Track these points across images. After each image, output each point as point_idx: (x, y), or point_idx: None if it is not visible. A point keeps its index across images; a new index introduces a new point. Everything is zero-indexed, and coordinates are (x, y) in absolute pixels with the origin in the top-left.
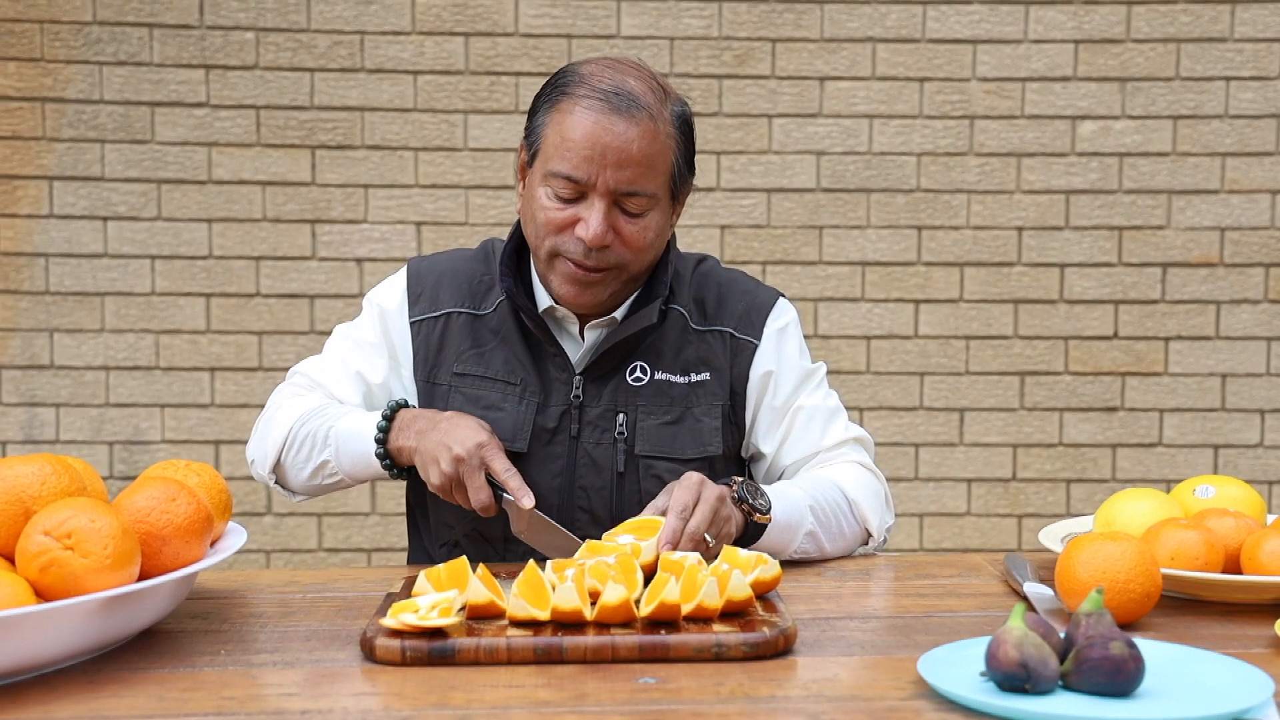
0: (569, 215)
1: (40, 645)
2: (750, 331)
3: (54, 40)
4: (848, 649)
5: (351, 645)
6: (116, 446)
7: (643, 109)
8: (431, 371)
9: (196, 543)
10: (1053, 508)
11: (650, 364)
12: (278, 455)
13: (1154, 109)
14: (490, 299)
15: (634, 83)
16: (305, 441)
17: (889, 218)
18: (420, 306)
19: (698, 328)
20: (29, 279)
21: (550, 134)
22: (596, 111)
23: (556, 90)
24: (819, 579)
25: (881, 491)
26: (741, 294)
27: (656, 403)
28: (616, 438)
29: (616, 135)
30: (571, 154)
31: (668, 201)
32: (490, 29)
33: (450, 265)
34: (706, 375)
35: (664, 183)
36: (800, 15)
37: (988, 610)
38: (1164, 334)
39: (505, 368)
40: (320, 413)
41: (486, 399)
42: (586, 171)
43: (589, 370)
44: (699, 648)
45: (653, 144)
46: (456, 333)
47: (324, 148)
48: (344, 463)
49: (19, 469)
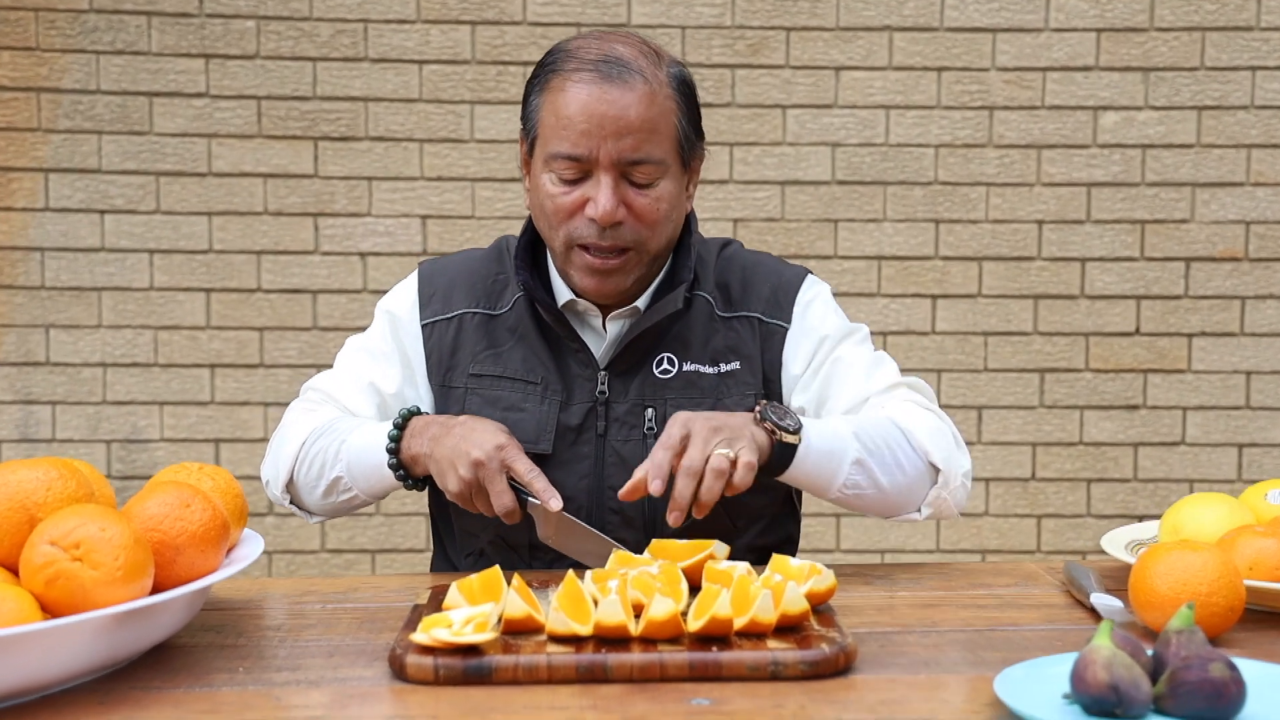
0: (577, 197)
1: (47, 664)
2: (779, 314)
3: (49, 29)
4: (912, 667)
5: (378, 662)
6: (114, 445)
7: (636, 73)
8: (446, 375)
9: (212, 552)
10: (1073, 508)
11: (678, 355)
12: (289, 473)
13: (1178, 99)
14: (506, 297)
15: (623, 49)
16: (317, 458)
17: (906, 211)
18: (432, 309)
19: (724, 315)
20: (24, 274)
21: (545, 116)
22: (588, 83)
23: (545, 70)
24: (869, 588)
25: (946, 430)
26: (767, 275)
27: (686, 395)
28: (646, 433)
29: (612, 103)
30: (569, 131)
31: (678, 168)
32: (497, 17)
33: (463, 265)
34: (737, 364)
35: (670, 148)
36: (815, 4)
37: (1054, 623)
38: (1187, 330)
39: (524, 366)
40: (332, 428)
41: (506, 400)
42: (586, 146)
43: (613, 364)
44: (754, 666)
45: (651, 107)
46: (471, 334)
47: (327, 139)
48: (357, 478)
49: (22, 473)
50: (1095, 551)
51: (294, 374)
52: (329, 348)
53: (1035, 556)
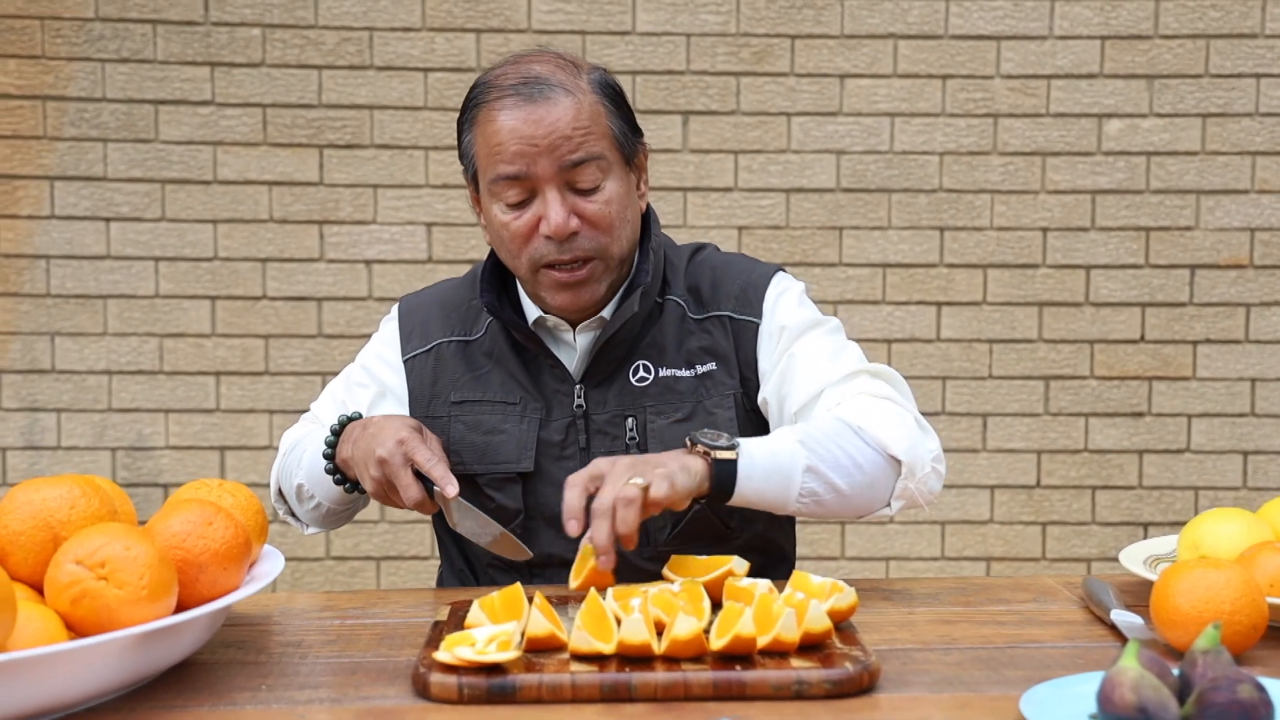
0: (529, 219)
1: (71, 683)
2: (749, 310)
3: (55, 37)
4: (935, 685)
5: (401, 680)
6: (119, 452)
7: (555, 86)
8: (429, 405)
9: (235, 569)
10: (1078, 515)
11: (653, 361)
12: (275, 485)
13: (1182, 107)
14: (480, 322)
15: (539, 67)
16: (289, 468)
17: (910, 218)
18: (412, 344)
19: (696, 316)
20: (29, 281)
21: (479, 148)
22: (512, 107)
23: (470, 106)
24: (887, 604)
25: (906, 417)
26: (737, 274)
27: (665, 401)
28: (628, 443)
29: (539, 121)
30: (503, 153)
31: (621, 168)
32: (503, 25)
33: (437, 296)
34: (713, 365)
35: (608, 145)
36: (820, 11)
37: (1075, 640)
38: (1192, 337)
39: (503, 388)
40: (304, 439)
41: (487, 424)
42: (523, 163)
43: (589, 376)
44: (778, 685)
45: (579, 114)
46: (449, 362)
47: (332, 147)
48: (315, 485)
49: (45, 491)
50: (1100, 559)
51: (299, 381)
52: (334, 355)
53: (1040, 564)
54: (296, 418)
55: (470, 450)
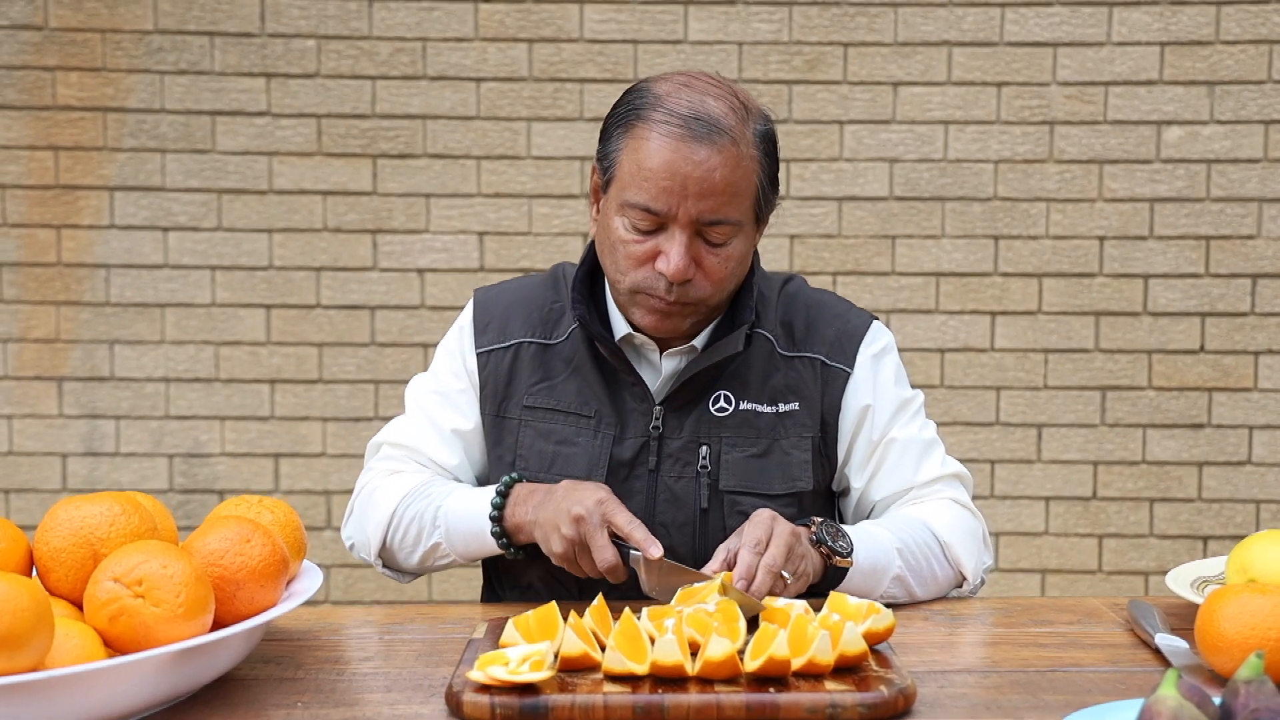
0: (649, 248)
1: (109, 700)
2: (842, 359)
3: (115, 50)
4: (972, 710)
5: (435, 697)
6: (176, 459)
7: (724, 133)
8: (500, 405)
9: (272, 586)
10: (1135, 528)
11: (735, 393)
12: (382, 540)
13: (1244, 113)
14: (562, 327)
15: (714, 103)
16: (412, 524)
17: (965, 227)
18: (488, 336)
19: (785, 354)
20: (90, 290)
21: (625, 161)
22: (675, 139)
23: (630, 112)
24: (927, 623)
25: (979, 531)
26: (833, 318)
27: (741, 434)
28: (699, 471)
29: (697, 165)
30: (649, 184)
31: (751, 226)
32: (555, 35)
33: (519, 293)
34: (795, 405)
35: (748, 208)
36: (873, 19)
37: (1118, 665)
38: (1253, 348)
39: (579, 399)
40: (424, 492)
41: (559, 433)
42: (666, 203)
43: (669, 400)
44: (812, 708)
45: (736, 170)
46: (526, 364)
47: (385, 156)
48: (456, 544)
49: (86, 509)
50: (1158, 572)
51: (352, 389)
52: (386, 363)
53: (1096, 577)
54: (350, 425)
55: (538, 458)
